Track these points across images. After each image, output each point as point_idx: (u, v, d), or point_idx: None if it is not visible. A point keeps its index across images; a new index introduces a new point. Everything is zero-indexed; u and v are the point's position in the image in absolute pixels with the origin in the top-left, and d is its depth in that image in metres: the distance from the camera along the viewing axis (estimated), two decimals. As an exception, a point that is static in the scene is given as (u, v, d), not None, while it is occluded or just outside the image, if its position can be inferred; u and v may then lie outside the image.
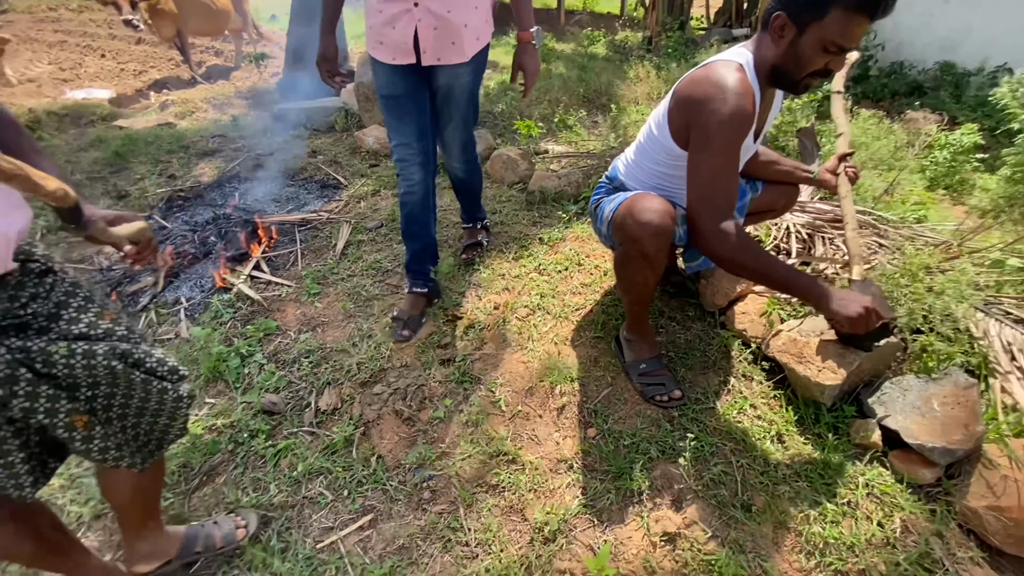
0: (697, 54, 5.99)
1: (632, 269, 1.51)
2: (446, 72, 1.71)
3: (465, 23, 1.62)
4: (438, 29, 1.60)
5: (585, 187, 2.82)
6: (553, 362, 1.81)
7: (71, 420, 0.82)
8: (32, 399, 0.78)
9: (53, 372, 0.80)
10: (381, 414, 1.69)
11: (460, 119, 1.87)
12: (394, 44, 1.63)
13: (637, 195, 1.49)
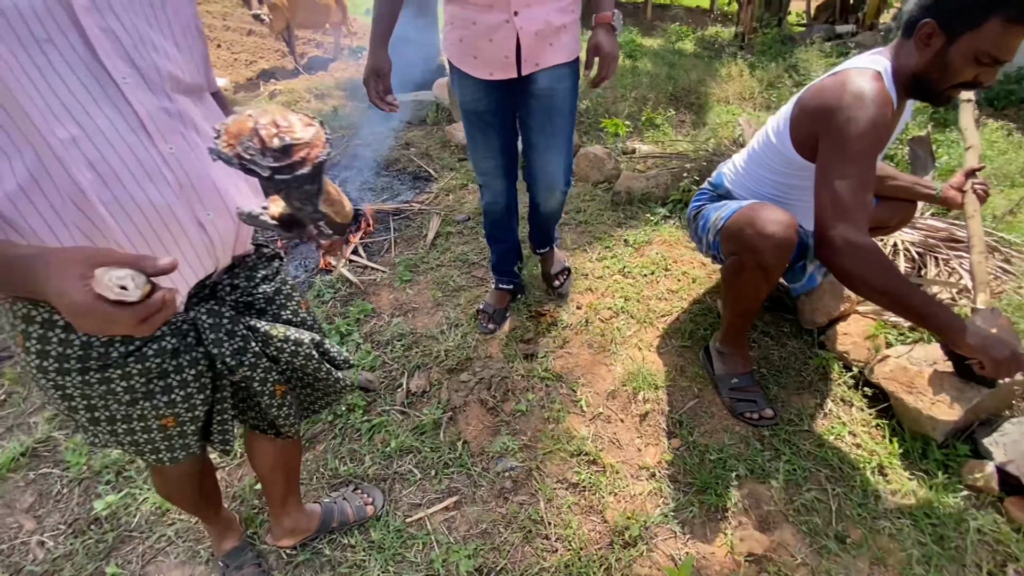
0: (796, 52, 5.64)
1: (745, 281, 1.47)
2: (547, 75, 1.56)
3: (564, 24, 1.51)
4: (539, 35, 1.48)
5: (674, 189, 2.75)
6: (637, 367, 1.80)
7: (274, 389, 0.94)
8: (253, 368, 0.89)
9: (268, 351, 0.91)
10: (467, 401, 1.76)
11: (563, 133, 1.66)
12: (492, 58, 1.51)
13: (757, 204, 1.45)
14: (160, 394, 0.83)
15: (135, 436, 0.86)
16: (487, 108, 1.63)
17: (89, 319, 0.54)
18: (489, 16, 1.46)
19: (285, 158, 0.45)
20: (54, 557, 1.39)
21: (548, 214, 1.91)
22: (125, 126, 0.68)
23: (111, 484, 1.55)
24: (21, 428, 1.75)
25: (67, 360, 0.76)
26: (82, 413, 0.82)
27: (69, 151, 0.64)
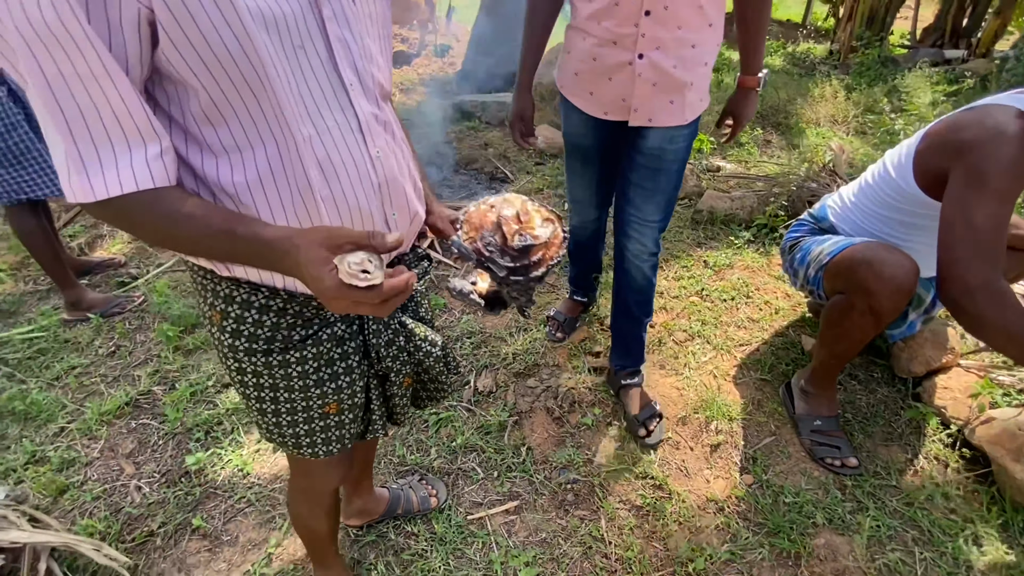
0: (898, 76, 5.29)
1: (852, 322, 1.40)
2: (658, 135, 1.38)
3: (691, 81, 1.31)
4: (657, 86, 1.31)
5: (759, 214, 2.65)
6: (711, 396, 1.75)
7: (404, 381, 0.98)
8: (394, 360, 0.92)
9: (408, 347, 0.94)
10: (533, 407, 1.77)
11: (664, 195, 1.46)
12: (608, 99, 1.38)
13: (875, 244, 1.37)
14: (328, 380, 0.85)
15: (298, 428, 0.88)
16: (592, 145, 1.53)
17: (341, 302, 0.58)
18: (612, 54, 1.31)
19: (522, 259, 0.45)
20: (149, 503, 1.52)
21: (633, 287, 1.62)
22: (348, 129, 0.72)
23: (200, 442, 1.68)
24: (127, 379, 1.91)
25: (256, 340, 0.79)
26: (254, 401, 0.85)
27: (306, 148, 0.68)
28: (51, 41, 0.51)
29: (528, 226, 0.45)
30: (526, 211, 0.45)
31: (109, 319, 2.15)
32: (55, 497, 1.53)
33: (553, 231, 0.46)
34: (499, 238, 0.45)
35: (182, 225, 0.61)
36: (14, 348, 2.01)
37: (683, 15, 1.24)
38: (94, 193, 0.58)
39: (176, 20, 0.55)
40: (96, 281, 2.41)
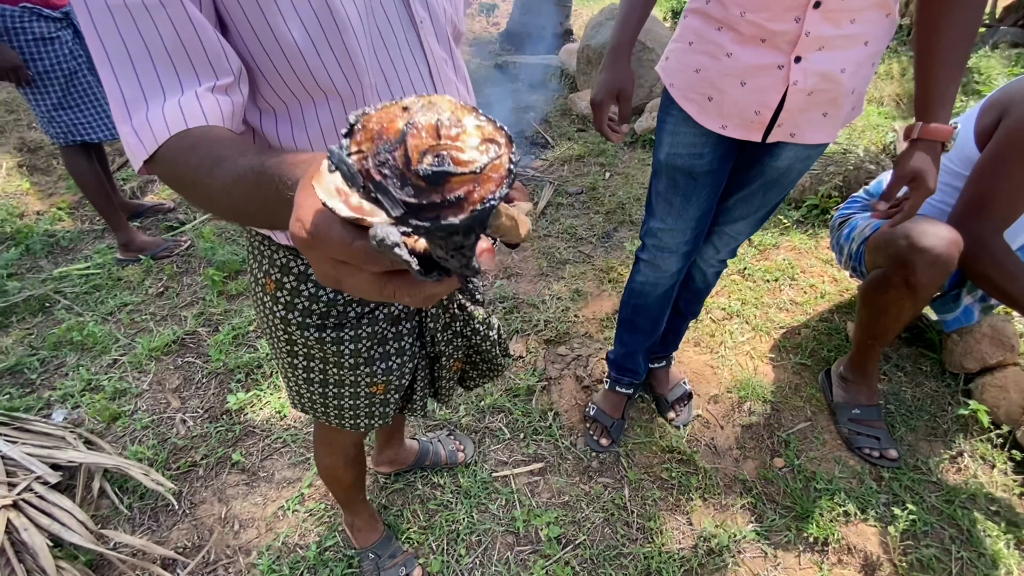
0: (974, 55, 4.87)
1: (889, 298, 1.33)
2: (794, 152, 1.11)
3: (854, 88, 1.02)
4: (813, 95, 1.00)
5: (811, 193, 2.52)
6: (746, 376, 1.71)
7: (454, 364, 0.94)
8: (448, 344, 0.90)
9: (465, 331, 0.93)
10: (562, 375, 1.77)
11: (764, 211, 1.25)
12: (733, 109, 1.06)
13: (918, 217, 1.29)
14: (379, 360, 0.82)
15: (342, 401, 0.85)
16: (703, 169, 1.16)
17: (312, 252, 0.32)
18: (755, 53, 1.00)
19: (430, 194, 0.26)
20: (193, 435, 1.60)
21: (691, 288, 1.48)
22: (417, 75, 0.66)
23: (241, 383, 1.74)
24: (174, 319, 2.00)
25: (310, 315, 0.75)
26: (300, 372, 0.82)
27: (373, 97, 0.62)
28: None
29: (453, 144, 0.27)
30: (458, 122, 0.28)
31: (159, 261, 2.23)
32: (108, 424, 1.63)
33: (493, 158, 0.28)
34: (400, 156, 0.27)
35: (214, 170, 0.45)
36: (72, 283, 2.11)
37: (858, 5, 0.92)
38: (144, 146, 0.49)
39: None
40: (146, 224, 2.49)
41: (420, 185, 0.26)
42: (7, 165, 2.76)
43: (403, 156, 0.27)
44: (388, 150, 0.27)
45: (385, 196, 0.26)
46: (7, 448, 1.45)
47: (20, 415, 1.57)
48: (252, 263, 0.78)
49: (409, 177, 0.26)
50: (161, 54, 0.49)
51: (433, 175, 0.26)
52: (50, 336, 1.87)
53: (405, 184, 0.26)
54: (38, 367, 1.79)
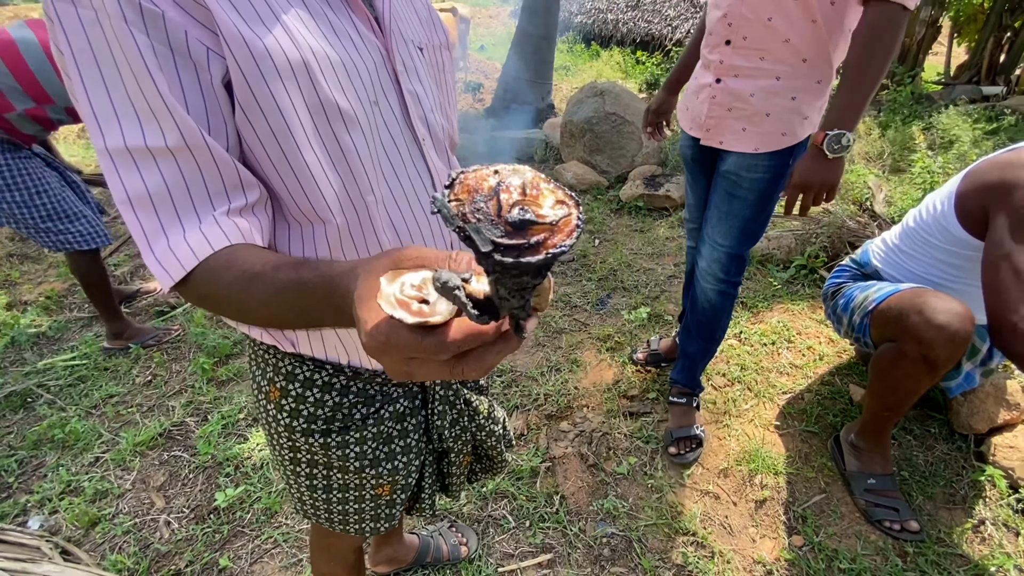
0: (933, 113, 5.20)
1: (904, 373, 1.33)
2: (735, 159, 1.38)
3: (768, 112, 1.30)
4: (732, 111, 1.35)
5: (797, 254, 2.59)
6: (754, 447, 1.67)
7: (463, 460, 0.92)
8: (456, 440, 0.88)
9: (471, 426, 0.91)
10: (566, 453, 1.71)
11: (737, 221, 1.44)
12: (692, 116, 1.49)
13: (924, 291, 1.31)
14: (385, 460, 0.79)
15: (347, 506, 0.83)
16: (690, 158, 1.59)
17: (389, 358, 0.36)
18: (702, 75, 1.43)
19: (517, 236, 0.33)
20: (177, 539, 1.50)
21: (697, 306, 1.61)
22: (422, 187, 0.68)
23: (230, 477, 1.66)
24: (161, 409, 1.93)
25: (315, 421, 0.73)
26: (303, 479, 0.80)
27: (379, 211, 0.64)
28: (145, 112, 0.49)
29: (534, 202, 0.35)
30: (536, 186, 0.35)
31: (147, 349, 2.19)
32: (87, 529, 1.53)
33: (565, 215, 0.35)
34: (492, 206, 0.34)
35: (251, 287, 0.48)
36: (56, 375, 2.05)
37: (766, 46, 1.26)
38: (170, 275, 0.50)
39: (247, 83, 0.52)
40: (135, 309, 2.47)
41: (508, 229, 0.33)
42: (-2, 255, 2.76)
43: (495, 206, 0.34)
44: (483, 200, 0.34)
45: (478, 234, 0.33)
46: (-25, 565, 1.35)
47: (-8, 525, 1.47)
48: (256, 371, 0.77)
49: (499, 223, 0.33)
50: (181, 192, 0.51)
51: (519, 222, 0.33)
52: (30, 434, 1.79)
53: (495, 227, 0.33)
54: (16, 469, 1.69)
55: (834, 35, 1.22)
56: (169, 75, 0.49)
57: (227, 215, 0.53)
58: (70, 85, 0.51)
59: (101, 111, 0.49)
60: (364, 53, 0.61)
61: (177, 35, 0.49)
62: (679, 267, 2.65)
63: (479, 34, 11.71)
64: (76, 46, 0.48)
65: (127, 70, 0.48)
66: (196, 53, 0.50)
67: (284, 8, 0.55)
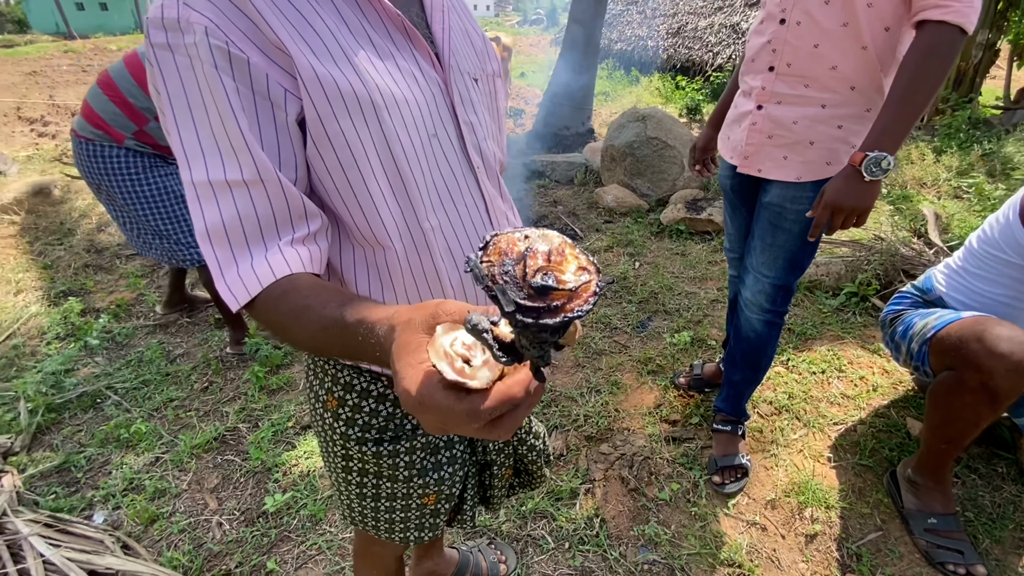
0: (992, 139, 4.98)
1: (963, 403, 1.27)
2: (778, 190, 1.35)
3: (812, 140, 1.27)
4: (772, 138, 1.33)
5: (847, 281, 2.51)
6: (804, 478, 1.61)
7: (505, 472, 0.95)
8: (499, 453, 0.91)
9: (512, 439, 0.94)
10: (607, 476, 1.69)
11: (782, 252, 1.40)
12: (732, 144, 1.46)
13: (986, 319, 1.27)
14: (432, 470, 0.82)
15: (394, 514, 0.85)
16: (729, 187, 1.56)
17: (426, 414, 0.37)
18: (743, 103, 1.40)
19: (538, 300, 0.36)
20: (228, 540, 1.56)
21: (741, 335, 1.58)
22: (476, 213, 0.72)
23: (278, 483, 1.72)
24: (216, 415, 2.02)
25: (369, 430, 0.76)
26: (353, 488, 0.83)
27: (435, 238, 0.67)
28: (225, 148, 0.54)
29: (558, 268, 0.38)
30: (561, 252, 0.38)
31: (204, 357, 2.31)
32: (146, 526, 1.61)
33: (585, 282, 0.37)
34: (519, 270, 0.38)
35: (301, 318, 0.52)
36: (123, 378, 2.19)
37: (811, 74, 1.24)
38: (236, 299, 0.55)
39: (320, 120, 0.57)
40: (196, 319, 2.61)
41: (531, 293, 0.36)
42: (75, 265, 2.98)
43: (521, 270, 0.37)
44: (511, 263, 0.37)
45: (503, 295, 0.36)
46: (49, 552, 1.44)
47: (63, 516, 1.57)
48: (314, 380, 0.80)
49: (523, 286, 0.36)
50: (252, 223, 0.56)
51: (541, 287, 0.36)
52: (98, 433, 1.91)
53: (520, 290, 0.36)
54: (84, 465, 1.81)
55: (885, 62, 1.19)
56: (249, 115, 0.55)
57: (291, 244, 0.57)
58: (164, 122, 0.57)
59: (190, 147, 0.55)
60: (425, 89, 0.65)
61: (259, 78, 0.55)
62: (722, 291, 2.61)
63: (520, 61, 12.01)
64: (171, 88, 0.54)
65: (213, 110, 0.54)
66: (275, 94, 0.56)
67: (355, 50, 0.60)
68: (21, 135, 5.55)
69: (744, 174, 1.43)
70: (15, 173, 4.01)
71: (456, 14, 0.75)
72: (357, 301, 0.51)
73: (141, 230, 1.99)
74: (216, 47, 0.53)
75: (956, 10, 1.03)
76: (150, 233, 1.98)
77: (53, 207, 3.52)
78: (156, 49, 0.54)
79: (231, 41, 0.53)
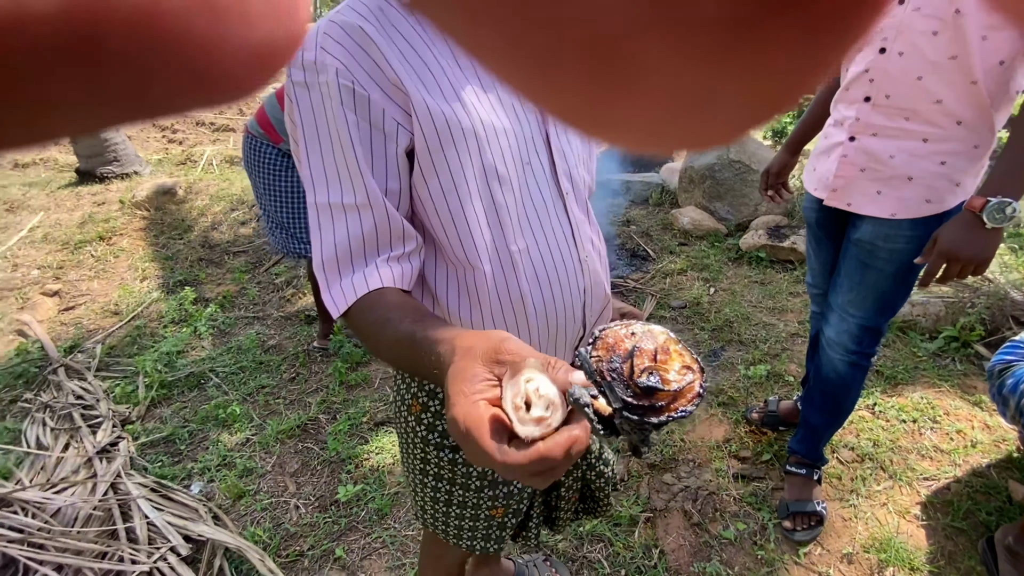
0: None
1: None
2: (871, 227, 1.29)
3: (911, 175, 1.21)
4: (865, 172, 1.27)
5: (947, 324, 2.31)
6: (887, 535, 1.50)
7: (571, 496, 0.98)
8: (568, 474, 0.93)
9: (581, 465, 0.97)
10: (669, 507, 1.66)
11: (871, 292, 1.33)
12: (819, 176, 1.39)
13: None
14: (502, 484, 0.86)
15: (463, 521, 0.89)
16: (814, 221, 1.50)
17: (474, 446, 0.39)
18: (834, 133, 1.34)
19: (643, 399, 0.38)
20: (303, 523, 1.69)
21: (822, 374, 1.50)
22: (563, 236, 0.75)
23: (351, 474, 1.84)
24: (300, 404, 2.20)
25: (448, 437, 0.80)
26: (428, 490, 0.87)
27: (521, 260, 0.71)
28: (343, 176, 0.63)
29: (663, 367, 0.39)
30: (667, 350, 0.40)
31: (295, 350, 2.52)
32: (234, 500, 1.78)
33: (689, 382, 0.39)
34: (626, 368, 0.39)
35: (381, 330, 0.57)
36: (224, 363, 2.43)
37: (913, 106, 1.18)
38: (336, 307, 0.63)
39: (428, 151, 0.64)
40: (287, 314, 2.85)
41: (637, 392, 0.38)
42: (191, 258, 3.35)
43: (629, 368, 0.40)
44: (619, 361, 0.40)
45: (611, 392, 0.39)
46: (153, 515, 1.63)
47: (167, 483, 1.77)
48: (400, 384, 0.86)
49: (630, 385, 0.39)
50: (358, 242, 0.64)
51: (647, 388, 0.38)
52: (201, 411, 2.14)
53: (627, 388, 0.39)
54: (187, 438, 2.03)
55: (997, 97, 1.11)
56: (364, 146, 0.63)
57: (387, 262, 0.64)
58: (296, 150, 0.66)
59: (316, 172, 0.64)
60: (524, 120, 0.71)
61: (376, 113, 0.62)
62: (803, 325, 2.48)
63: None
64: (305, 120, 0.63)
65: (336, 141, 0.63)
66: (388, 127, 0.63)
67: (463, 85, 0.66)
68: (154, 140, 6.31)
69: (831, 207, 1.37)
70: (148, 174, 4.57)
71: None
72: (429, 319, 0.56)
73: (270, 218, 2.26)
74: (344, 86, 0.61)
75: None
76: (274, 222, 2.24)
77: (176, 206, 3.97)
78: (296, 87, 0.63)
79: (356, 80, 0.61)
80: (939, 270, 1.10)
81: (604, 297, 0.85)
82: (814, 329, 1.68)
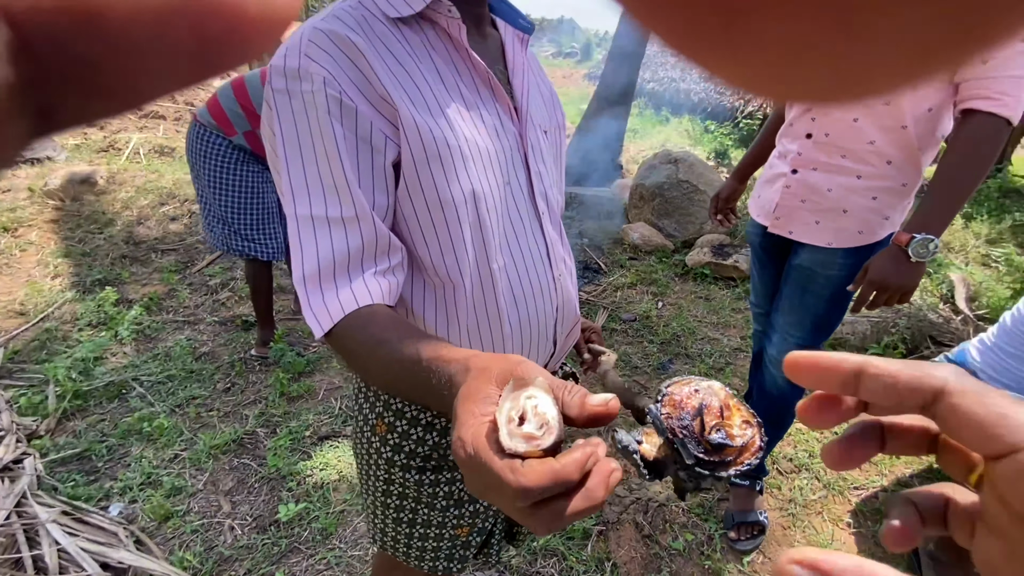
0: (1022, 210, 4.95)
1: None
2: (809, 254, 1.38)
3: (845, 208, 1.30)
4: (805, 203, 1.35)
5: (872, 342, 2.49)
6: (822, 542, 1.58)
7: None
8: None
9: None
10: (620, 519, 1.68)
11: (809, 315, 1.42)
12: (762, 203, 1.47)
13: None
14: (468, 503, 0.84)
15: (427, 542, 0.87)
16: (758, 245, 1.56)
17: (473, 473, 0.36)
18: (777, 164, 1.42)
19: (714, 455, 0.40)
20: (239, 545, 1.56)
21: (764, 390, 1.58)
22: (539, 256, 0.76)
23: (292, 492, 1.73)
24: (236, 417, 2.05)
25: (415, 457, 0.78)
26: (391, 511, 0.84)
27: (500, 278, 0.71)
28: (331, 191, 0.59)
29: (728, 423, 0.42)
30: (728, 406, 0.43)
31: (230, 358, 2.35)
32: (160, 523, 1.62)
33: (751, 437, 0.42)
34: (697, 425, 0.42)
35: (377, 350, 0.54)
36: (149, 371, 2.23)
37: (849, 145, 1.27)
38: (320, 325, 0.59)
39: (415, 165, 0.63)
40: (223, 319, 2.66)
41: (708, 448, 0.41)
42: (112, 255, 3.07)
43: (699, 425, 0.42)
44: (689, 418, 0.42)
45: (684, 449, 0.41)
46: (65, 540, 1.46)
47: (81, 505, 1.59)
48: (364, 404, 0.82)
49: (702, 441, 0.41)
50: (343, 256, 0.61)
51: (718, 444, 0.41)
52: (122, 424, 1.94)
53: (699, 444, 0.41)
54: (105, 455, 1.83)
55: (924, 141, 1.21)
56: (352, 158, 0.60)
57: (374, 276, 0.62)
58: (273, 160, 0.62)
59: (297, 184, 0.60)
60: (504, 140, 0.71)
61: (364, 125, 0.60)
62: (745, 340, 2.61)
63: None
64: (285, 129, 0.60)
65: (322, 152, 0.59)
66: (376, 140, 0.61)
67: (447, 103, 0.65)
68: (71, 123, 5.77)
69: (774, 234, 1.45)
70: (63, 160, 4.15)
71: (532, 72, 0.80)
72: (435, 341, 0.52)
73: (210, 213, 2.11)
74: (331, 96, 0.58)
75: (1005, 104, 1.06)
76: (216, 217, 2.10)
77: (95, 196, 3.64)
78: (276, 94, 0.59)
79: (344, 91, 0.59)
80: (869, 297, 1.19)
81: (574, 316, 0.86)
82: (756, 347, 1.75)
